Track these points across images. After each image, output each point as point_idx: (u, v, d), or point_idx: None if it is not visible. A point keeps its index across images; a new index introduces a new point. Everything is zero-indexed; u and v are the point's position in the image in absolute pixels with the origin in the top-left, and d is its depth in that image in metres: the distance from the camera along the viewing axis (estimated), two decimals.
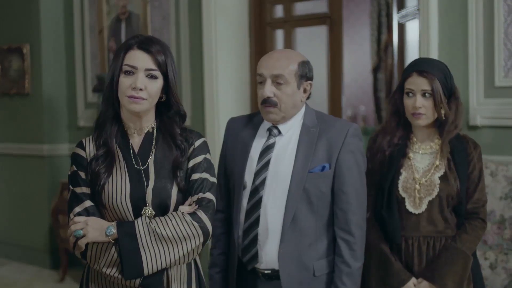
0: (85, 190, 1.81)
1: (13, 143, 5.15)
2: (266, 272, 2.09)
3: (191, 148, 1.88)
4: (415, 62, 2.30)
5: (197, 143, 1.90)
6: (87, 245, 1.76)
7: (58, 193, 4.76)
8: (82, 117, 4.92)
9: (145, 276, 1.75)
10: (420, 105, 2.19)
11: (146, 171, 1.83)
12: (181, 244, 1.76)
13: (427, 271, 2.23)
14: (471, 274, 2.26)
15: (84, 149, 1.86)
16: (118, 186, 1.79)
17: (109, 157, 1.83)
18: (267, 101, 2.05)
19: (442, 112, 2.20)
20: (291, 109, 2.07)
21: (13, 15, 5.04)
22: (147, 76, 1.81)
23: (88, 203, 1.80)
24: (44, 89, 4.93)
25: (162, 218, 1.78)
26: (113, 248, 1.74)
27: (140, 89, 1.79)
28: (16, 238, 5.22)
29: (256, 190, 2.07)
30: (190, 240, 1.77)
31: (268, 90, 2.04)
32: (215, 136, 4.08)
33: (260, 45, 4.26)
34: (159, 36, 4.27)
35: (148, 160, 1.85)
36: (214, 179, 1.91)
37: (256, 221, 2.06)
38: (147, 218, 1.77)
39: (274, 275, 2.08)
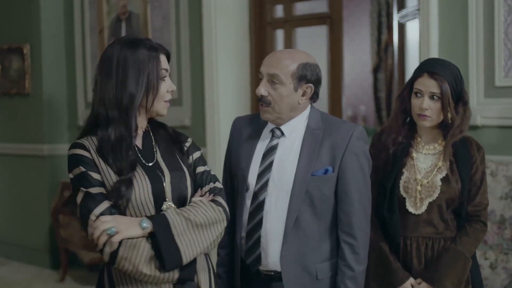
0: (101, 190, 1.77)
1: (13, 143, 5.15)
2: (268, 273, 2.07)
3: (185, 145, 1.93)
4: (427, 62, 2.28)
5: (188, 141, 1.96)
6: (118, 244, 1.71)
7: (58, 193, 4.75)
8: (82, 117, 4.91)
9: (182, 266, 1.76)
10: (427, 107, 2.18)
11: (158, 167, 1.84)
12: (211, 229, 1.79)
13: (426, 272, 2.22)
14: (470, 275, 2.25)
15: (88, 150, 1.81)
16: (139, 184, 1.79)
17: None
18: (261, 100, 2.03)
19: (449, 115, 2.19)
20: (287, 111, 2.03)
21: (13, 15, 5.04)
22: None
23: (107, 203, 1.75)
24: (44, 89, 4.93)
25: (189, 206, 1.80)
26: (144, 243, 1.71)
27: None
28: (16, 238, 5.22)
29: (259, 192, 2.05)
30: (218, 224, 1.81)
31: (263, 88, 2.02)
32: (215, 136, 4.08)
33: (260, 45, 4.26)
34: (159, 36, 4.27)
35: (156, 156, 1.86)
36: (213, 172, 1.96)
37: (259, 223, 2.04)
38: (173, 209, 1.79)
39: (276, 277, 2.06)
